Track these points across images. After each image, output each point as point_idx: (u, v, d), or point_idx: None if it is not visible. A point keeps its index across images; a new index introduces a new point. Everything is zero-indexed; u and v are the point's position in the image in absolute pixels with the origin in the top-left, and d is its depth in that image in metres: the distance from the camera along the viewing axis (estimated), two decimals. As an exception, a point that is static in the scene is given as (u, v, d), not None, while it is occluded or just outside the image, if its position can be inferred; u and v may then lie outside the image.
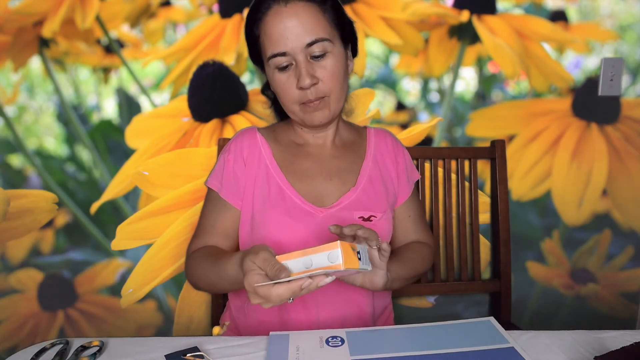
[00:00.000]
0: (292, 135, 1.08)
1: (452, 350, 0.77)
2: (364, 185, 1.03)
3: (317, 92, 0.94)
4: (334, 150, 1.06)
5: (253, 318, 1.02)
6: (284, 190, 1.00)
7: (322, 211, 0.98)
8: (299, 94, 0.95)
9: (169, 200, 1.37)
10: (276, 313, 0.99)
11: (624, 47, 1.48)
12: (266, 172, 1.02)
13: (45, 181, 1.41)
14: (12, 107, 1.39)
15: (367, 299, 1.02)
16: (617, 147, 1.48)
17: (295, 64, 0.93)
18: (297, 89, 0.94)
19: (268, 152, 1.04)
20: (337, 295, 0.99)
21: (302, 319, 0.98)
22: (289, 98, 0.96)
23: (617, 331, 0.84)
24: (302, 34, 0.91)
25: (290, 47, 0.92)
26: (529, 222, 1.51)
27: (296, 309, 0.98)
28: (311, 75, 0.92)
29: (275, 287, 0.70)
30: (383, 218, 1.01)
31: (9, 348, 1.44)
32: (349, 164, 1.05)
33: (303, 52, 0.92)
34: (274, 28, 0.92)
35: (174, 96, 1.39)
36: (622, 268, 1.55)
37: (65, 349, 0.81)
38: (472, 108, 1.47)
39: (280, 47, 0.92)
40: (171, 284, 1.44)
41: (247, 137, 1.07)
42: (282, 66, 0.94)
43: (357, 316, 1.01)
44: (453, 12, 1.41)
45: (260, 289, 0.71)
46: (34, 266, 1.43)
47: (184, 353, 0.78)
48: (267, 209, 0.99)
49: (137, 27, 1.38)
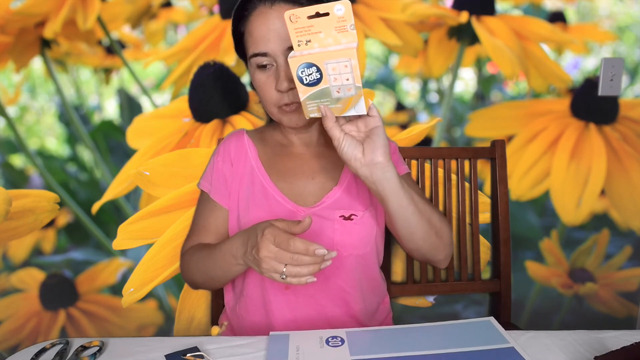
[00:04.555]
0: (278, 135, 1.09)
1: (452, 350, 0.77)
2: (348, 184, 1.02)
3: (294, 97, 0.94)
4: (318, 150, 1.06)
5: (244, 317, 1.03)
6: (267, 189, 1.01)
7: (304, 210, 0.99)
8: (277, 96, 0.95)
9: (169, 200, 1.37)
10: (263, 312, 1.00)
11: (622, 48, 1.48)
12: (251, 172, 1.04)
13: (47, 181, 1.41)
14: (14, 107, 1.40)
15: (354, 295, 1.01)
16: (616, 147, 1.48)
17: (275, 65, 0.94)
18: (275, 90, 0.94)
19: (254, 153, 1.06)
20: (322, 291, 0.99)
21: (289, 318, 0.99)
22: (267, 99, 0.97)
23: (617, 331, 0.84)
24: (284, 37, 0.92)
25: (272, 49, 0.92)
26: (527, 221, 1.51)
27: (281, 306, 0.99)
28: (289, 79, 0.92)
29: (294, 239, 0.74)
30: (365, 216, 1.00)
31: (11, 347, 1.45)
32: (333, 163, 1.05)
33: (284, 55, 0.92)
34: (257, 28, 0.93)
35: (175, 97, 1.40)
36: (620, 267, 1.56)
37: (65, 349, 0.81)
38: (471, 108, 1.48)
39: (261, 47, 0.93)
40: (172, 284, 1.45)
41: (235, 138, 1.09)
42: (262, 64, 0.94)
43: (349, 314, 1.01)
44: (452, 13, 1.42)
45: (280, 234, 0.74)
46: (35, 266, 1.44)
47: (184, 353, 0.78)
48: (250, 208, 1.00)
49: (138, 28, 1.38)
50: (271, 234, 0.77)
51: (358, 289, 1.02)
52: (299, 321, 0.99)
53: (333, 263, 0.98)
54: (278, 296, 0.99)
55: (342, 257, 0.99)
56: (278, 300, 0.99)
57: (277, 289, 0.99)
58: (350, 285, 1.01)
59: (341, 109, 0.78)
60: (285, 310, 0.99)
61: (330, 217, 0.99)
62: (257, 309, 1.01)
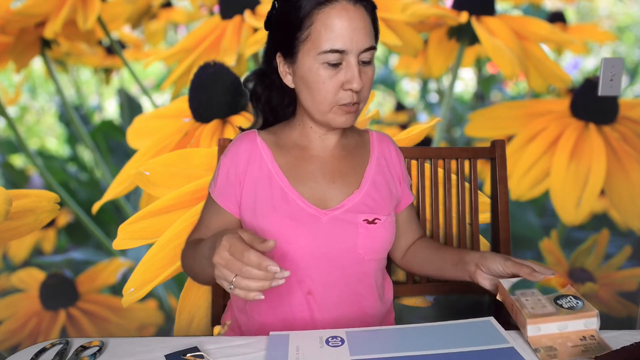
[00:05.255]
0: (295, 137, 1.05)
1: (452, 350, 0.77)
2: (368, 188, 1.02)
3: (357, 97, 0.93)
4: (337, 153, 1.05)
5: (255, 318, 1.02)
6: (287, 193, 0.98)
7: (326, 213, 0.97)
8: (341, 95, 0.93)
9: (170, 200, 1.37)
10: (278, 314, 0.99)
11: (621, 48, 1.48)
12: (269, 176, 1.00)
13: (47, 181, 1.41)
14: (14, 107, 1.40)
15: (373, 302, 1.02)
16: (615, 147, 1.48)
17: (345, 64, 0.91)
18: (342, 89, 0.92)
19: (269, 155, 1.02)
20: (341, 298, 0.99)
21: (307, 319, 0.98)
22: (326, 96, 0.93)
23: (617, 331, 0.83)
24: (363, 38, 0.90)
25: (350, 47, 0.90)
26: (527, 221, 1.51)
27: (299, 310, 0.98)
28: (361, 79, 0.91)
29: (250, 251, 0.72)
30: (387, 221, 1.00)
31: (11, 347, 1.45)
32: (352, 167, 1.04)
33: (357, 56, 0.91)
34: (339, 23, 0.89)
35: (175, 97, 1.40)
36: (619, 267, 1.56)
37: (65, 349, 0.81)
38: (471, 108, 1.48)
39: (340, 44, 0.89)
40: (172, 284, 1.45)
41: (246, 140, 1.04)
42: (333, 63, 0.91)
43: (361, 320, 1.01)
44: (452, 13, 1.42)
45: (237, 243, 0.73)
46: (35, 265, 1.44)
47: (184, 353, 0.78)
48: (270, 212, 0.97)
49: (138, 28, 1.38)
50: (228, 241, 0.74)
51: (375, 293, 1.02)
52: (317, 324, 0.98)
53: (354, 268, 0.99)
54: (297, 299, 0.98)
55: (364, 262, 0.99)
56: (296, 304, 0.98)
57: (296, 292, 0.98)
58: (368, 290, 1.01)
59: None
60: (305, 313, 0.98)
61: (353, 220, 0.98)
62: (271, 310, 1.00)
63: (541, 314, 0.77)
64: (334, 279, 0.98)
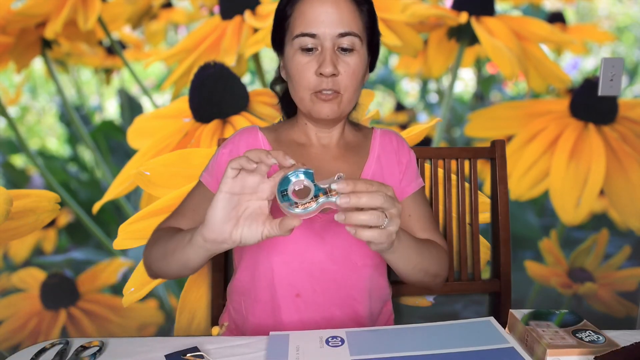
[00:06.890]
0: (295, 134, 1.05)
1: (452, 350, 0.77)
2: None
3: (333, 84, 0.92)
4: (336, 152, 1.04)
5: (249, 320, 1.02)
6: None
7: (320, 216, 0.96)
8: (315, 81, 0.92)
9: (170, 200, 1.37)
10: (269, 316, 0.99)
11: (621, 49, 1.48)
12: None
13: (48, 181, 1.42)
14: (14, 107, 1.40)
15: (363, 302, 1.01)
16: (615, 147, 1.49)
17: (320, 50, 0.91)
18: (315, 74, 0.91)
19: None
20: (332, 301, 0.98)
21: (296, 321, 0.98)
22: (304, 83, 0.93)
23: (616, 331, 0.83)
24: (337, 22, 0.90)
25: (322, 32, 0.90)
26: (527, 221, 1.52)
27: (290, 311, 0.98)
28: (334, 65, 0.90)
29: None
30: None
31: (12, 347, 1.46)
32: (351, 166, 1.03)
33: (332, 41, 0.90)
34: (311, 9, 0.90)
35: (175, 97, 1.40)
36: (619, 267, 1.56)
37: (65, 349, 0.81)
38: (471, 109, 1.48)
39: (311, 27, 0.90)
40: (172, 283, 1.45)
41: (247, 135, 1.04)
42: (307, 47, 0.91)
43: (353, 319, 1.00)
44: (452, 13, 1.42)
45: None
46: (36, 265, 1.44)
47: (184, 353, 0.78)
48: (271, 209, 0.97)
49: (138, 28, 1.38)
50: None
51: (367, 297, 1.01)
52: (306, 326, 0.97)
53: (347, 272, 0.98)
54: (288, 302, 0.98)
55: (357, 267, 0.98)
56: (288, 306, 0.97)
57: (288, 295, 0.98)
58: (361, 294, 1.01)
59: None
60: (294, 315, 0.98)
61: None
62: (265, 312, 1.00)
63: (562, 345, 0.75)
64: (324, 282, 0.97)
